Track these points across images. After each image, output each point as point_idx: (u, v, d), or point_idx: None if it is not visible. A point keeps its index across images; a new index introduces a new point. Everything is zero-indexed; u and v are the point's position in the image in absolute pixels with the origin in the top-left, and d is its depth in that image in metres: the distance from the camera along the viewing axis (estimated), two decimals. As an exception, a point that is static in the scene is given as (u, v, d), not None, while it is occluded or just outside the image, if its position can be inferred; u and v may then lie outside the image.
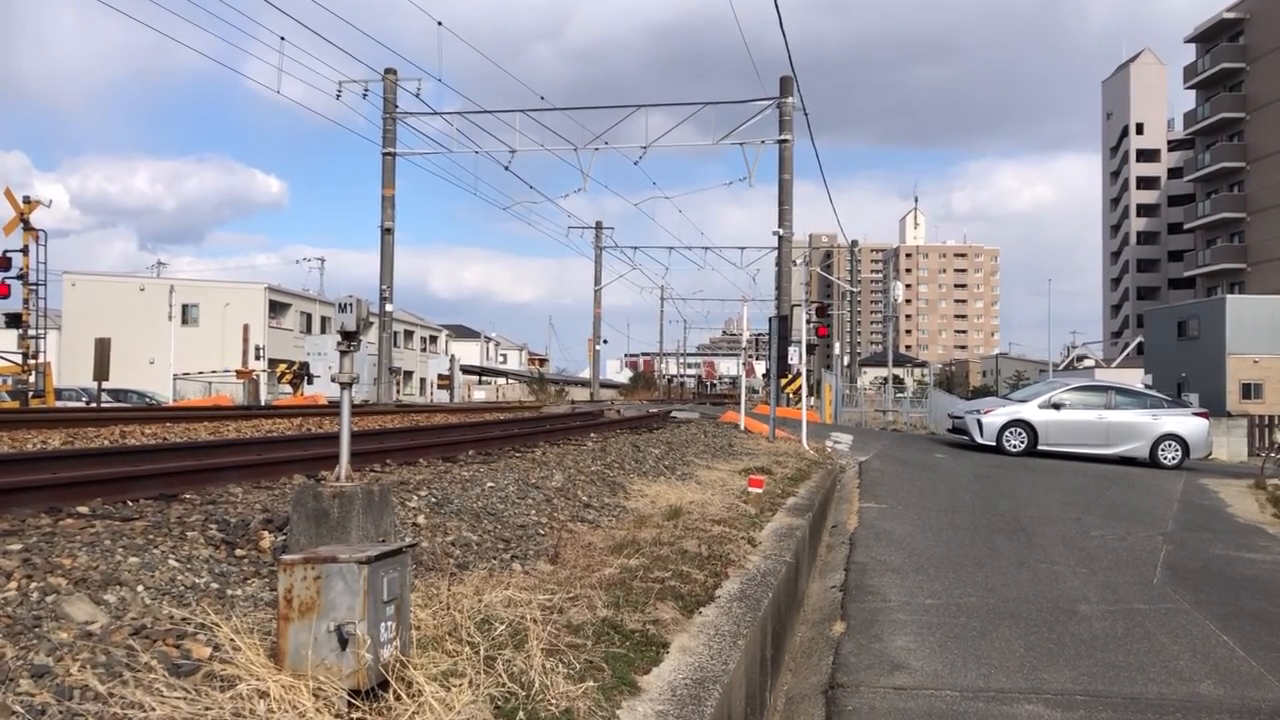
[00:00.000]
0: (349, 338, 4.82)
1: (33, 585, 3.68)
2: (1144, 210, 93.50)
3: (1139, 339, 63.57)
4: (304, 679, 2.80)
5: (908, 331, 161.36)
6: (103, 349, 27.05)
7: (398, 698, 2.89)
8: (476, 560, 5.27)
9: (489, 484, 7.65)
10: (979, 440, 20.22)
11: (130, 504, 5.95)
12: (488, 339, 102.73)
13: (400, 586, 3.10)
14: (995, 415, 20.33)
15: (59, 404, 30.32)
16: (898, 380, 58.56)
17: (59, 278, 58.50)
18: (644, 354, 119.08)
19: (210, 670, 2.92)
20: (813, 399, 31.60)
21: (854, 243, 56.51)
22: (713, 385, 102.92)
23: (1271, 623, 7.16)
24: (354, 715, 2.77)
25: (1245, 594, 8.13)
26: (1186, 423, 19.94)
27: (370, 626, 2.88)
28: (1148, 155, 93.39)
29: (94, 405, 27.80)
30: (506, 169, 30.10)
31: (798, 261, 32.06)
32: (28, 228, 28.64)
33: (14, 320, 28.91)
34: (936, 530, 10.40)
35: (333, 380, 4.90)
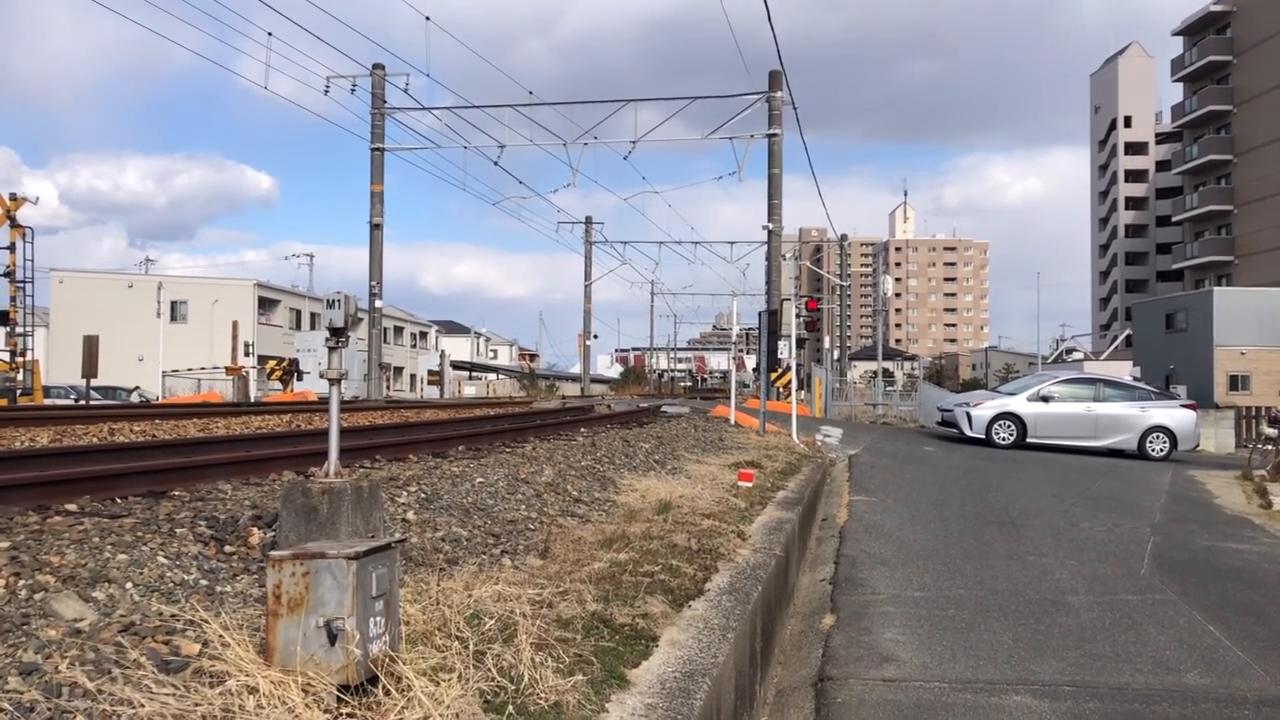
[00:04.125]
0: (337, 334, 4.82)
1: (21, 583, 3.68)
2: (1132, 203, 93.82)
3: (1127, 332, 63.86)
4: (293, 675, 2.80)
5: (897, 325, 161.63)
6: (91, 346, 26.95)
7: (387, 693, 2.89)
8: (466, 555, 5.28)
9: (479, 479, 7.66)
10: (968, 433, 20.28)
11: (119, 501, 5.94)
12: (478, 335, 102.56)
13: (389, 582, 3.10)
14: (984, 408, 20.40)
15: (47, 401, 30.20)
16: (887, 374, 58.70)
17: (46, 275, 58.26)
18: (635, 349, 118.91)
19: (199, 667, 2.92)
20: (802, 393, 31.62)
21: (843, 237, 56.57)
22: (703, 380, 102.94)
23: (1257, 613, 7.21)
24: (343, 711, 2.78)
25: (1232, 584, 8.18)
26: (1174, 415, 20.04)
27: (359, 622, 2.88)
28: (1136, 148, 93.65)
29: (83, 402, 27.69)
30: (496, 164, 30.15)
31: (787, 256, 32.09)
32: (14, 225, 28.52)
33: (2, 318, 28.78)
34: (925, 523, 10.44)
35: (321, 376, 4.90)
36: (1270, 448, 17.66)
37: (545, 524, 6.53)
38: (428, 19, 26.53)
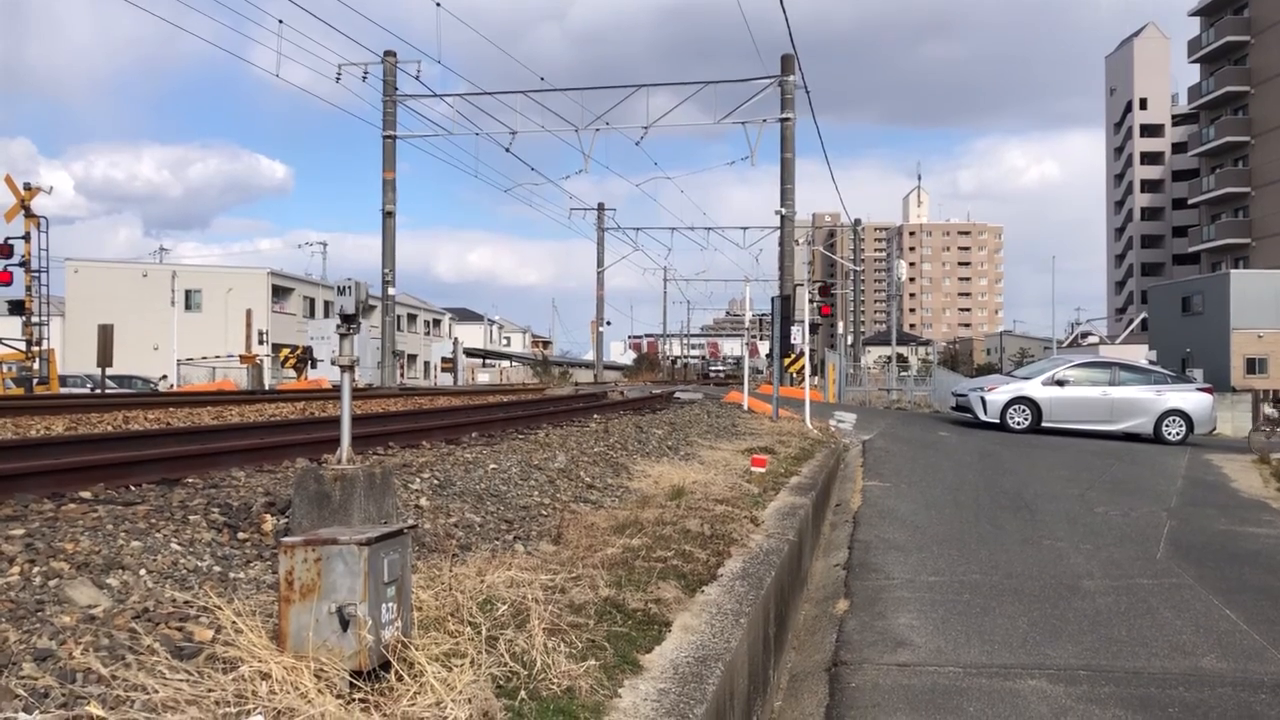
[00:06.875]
0: (348, 320, 4.82)
1: (35, 570, 3.69)
2: (1148, 186, 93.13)
3: (1143, 315, 63.51)
4: (305, 660, 2.80)
5: (911, 310, 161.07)
6: (106, 335, 27.07)
7: (399, 678, 2.90)
8: (479, 541, 5.28)
9: (492, 466, 7.66)
10: (983, 418, 20.20)
11: (133, 488, 5.96)
12: (491, 322, 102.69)
13: (401, 568, 3.10)
14: (999, 393, 20.30)
15: (63, 391, 30.38)
16: (901, 359, 58.50)
17: (62, 265, 58.58)
18: (647, 335, 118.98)
19: (213, 653, 2.92)
20: (816, 378, 31.57)
21: (857, 221, 56.35)
22: (717, 366, 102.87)
23: (1275, 597, 7.16)
24: (356, 696, 2.78)
25: (1249, 568, 8.13)
26: (1191, 398, 19.90)
27: (371, 608, 2.88)
28: (1151, 130, 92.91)
29: (98, 391, 27.84)
30: (507, 150, 30.10)
31: (801, 241, 32.00)
32: (29, 214, 28.64)
33: (17, 307, 28.95)
34: (940, 508, 10.40)
35: (334, 364, 4.89)
36: (1268, 428, 17.52)
37: (558, 510, 6.53)
38: (439, 5, 26.45)
